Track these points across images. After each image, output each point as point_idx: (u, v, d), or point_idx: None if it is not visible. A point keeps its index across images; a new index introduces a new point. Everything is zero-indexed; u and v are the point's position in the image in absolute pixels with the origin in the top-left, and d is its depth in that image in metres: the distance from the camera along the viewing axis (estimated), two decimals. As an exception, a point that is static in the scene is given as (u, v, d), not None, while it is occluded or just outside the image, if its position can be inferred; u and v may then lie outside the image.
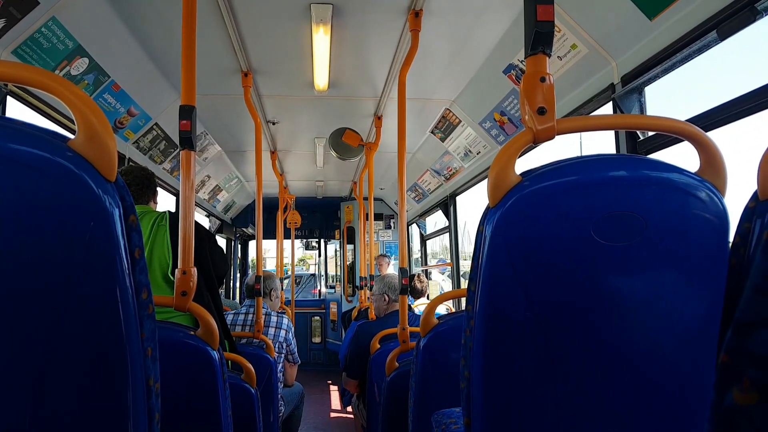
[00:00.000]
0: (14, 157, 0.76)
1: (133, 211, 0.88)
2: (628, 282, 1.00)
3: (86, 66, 2.64)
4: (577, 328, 1.02)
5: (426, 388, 1.90)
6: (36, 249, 0.78)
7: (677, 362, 1.03)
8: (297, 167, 6.26)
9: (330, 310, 8.35)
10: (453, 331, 1.88)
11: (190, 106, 1.73)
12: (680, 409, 1.05)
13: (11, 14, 2.08)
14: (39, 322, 0.79)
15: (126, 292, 0.85)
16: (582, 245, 0.98)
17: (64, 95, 0.83)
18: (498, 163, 1.02)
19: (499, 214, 1.00)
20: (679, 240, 0.99)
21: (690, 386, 1.05)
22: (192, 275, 1.68)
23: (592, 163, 1.01)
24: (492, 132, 3.76)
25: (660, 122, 1.09)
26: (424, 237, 7.01)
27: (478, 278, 1.04)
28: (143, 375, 0.92)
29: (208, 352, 1.58)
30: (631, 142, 2.31)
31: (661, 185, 0.98)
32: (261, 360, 2.82)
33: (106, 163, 0.83)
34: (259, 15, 2.69)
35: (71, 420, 0.84)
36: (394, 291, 3.54)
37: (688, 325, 1.02)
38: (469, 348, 1.09)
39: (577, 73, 2.60)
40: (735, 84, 33.04)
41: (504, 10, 2.64)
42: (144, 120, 3.52)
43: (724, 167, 1.03)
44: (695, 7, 1.86)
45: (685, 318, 1.01)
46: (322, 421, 5.39)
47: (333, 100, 4.01)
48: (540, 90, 1.05)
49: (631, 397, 1.04)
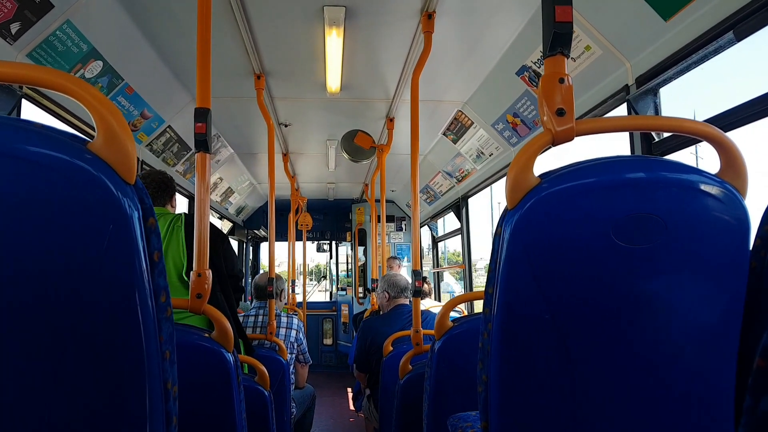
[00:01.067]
0: (34, 159, 0.76)
1: (152, 214, 0.88)
2: (648, 284, 0.99)
3: (100, 69, 2.66)
4: (597, 331, 1.01)
5: (441, 391, 1.89)
6: (55, 251, 0.78)
7: (696, 364, 1.02)
8: (309, 169, 6.28)
9: (341, 312, 8.35)
10: (468, 334, 1.87)
11: (206, 109, 1.74)
12: (698, 411, 1.04)
13: (26, 17, 2.10)
14: (58, 324, 0.79)
15: (145, 295, 0.85)
16: (602, 247, 0.97)
17: (84, 97, 0.83)
18: (516, 165, 1.01)
19: (518, 216, 0.99)
20: (698, 242, 0.98)
21: (708, 388, 1.03)
22: (207, 278, 1.68)
23: (611, 164, 1.00)
24: (504, 134, 3.75)
25: (679, 123, 1.08)
26: (436, 239, 6.99)
27: (496, 280, 1.03)
28: (161, 378, 0.91)
29: (223, 355, 1.58)
30: (645, 143, 2.29)
31: (681, 187, 0.97)
32: (273, 362, 2.83)
33: (125, 166, 0.83)
34: (272, 17, 2.70)
35: (89, 422, 0.84)
36: (394, 288, 3.59)
37: (707, 328, 1.01)
38: (487, 351, 1.08)
39: (591, 75, 2.59)
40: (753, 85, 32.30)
41: (517, 12, 2.64)
42: (157, 122, 3.54)
43: (744, 168, 1.02)
44: (711, 7, 1.84)
45: (705, 320, 1.00)
46: (334, 423, 5.39)
47: (345, 102, 4.02)
48: (559, 91, 1.04)
49: (649, 399, 1.03)
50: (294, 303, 6.17)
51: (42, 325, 0.79)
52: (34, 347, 0.79)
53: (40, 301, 0.78)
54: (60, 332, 0.79)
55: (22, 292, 0.77)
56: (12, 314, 0.77)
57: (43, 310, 0.78)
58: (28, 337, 0.79)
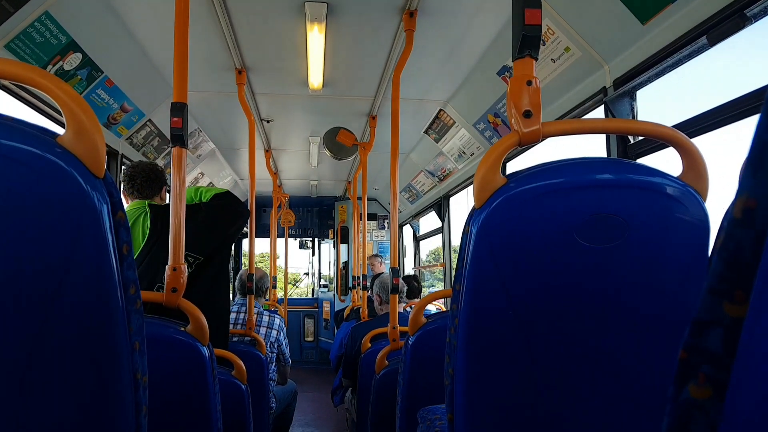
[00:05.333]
0: (2, 152, 0.76)
1: (121, 207, 0.89)
2: (610, 283, 1.02)
3: (79, 61, 2.64)
4: (559, 327, 1.04)
5: (413, 385, 1.91)
6: (24, 244, 0.78)
7: (656, 361, 1.05)
8: (291, 166, 6.26)
9: (323, 309, 8.35)
10: (441, 330, 1.90)
11: (182, 104, 1.73)
12: (657, 406, 1.07)
13: (4, 8, 2.08)
14: (26, 316, 0.80)
15: (114, 288, 0.86)
16: (564, 247, 1.00)
17: (53, 92, 0.84)
18: (484, 165, 1.03)
19: (484, 215, 1.02)
20: (660, 242, 1.01)
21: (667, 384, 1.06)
22: (182, 272, 1.68)
23: (576, 166, 1.03)
24: (486, 134, 3.77)
25: (645, 127, 1.11)
26: (418, 238, 7.02)
27: (462, 278, 1.06)
28: (130, 368, 0.92)
29: (198, 348, 1.59)
30: (621, 145, 2.32)
31: (643, 188, 1.00)
32: (252, 357, 2.83)
33: (94, 160, 0.83)
34: (253, 12, 2.69)
35: (58, 412, 0.85)
36: (385, 292, 3.55)
37: (668, 326, 1.04)
38: (453, 346, 1.10)
39: (570, 76, 2.62)
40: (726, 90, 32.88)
41: (498, 12, 2.66)
42: (137, 116, 3.51)
43: (706, 172, 1.05)
44: (686, 12, 1.87)
45: (665, 318, 1.03)
46: (314, 418, 5.40)
47: (327, 99, 4.02)
48: (526, 93, 1.07)
49: (609, 394, 1.06)
50: (275, 300, 6.16)
51: (9, 316, 0.79)
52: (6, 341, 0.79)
53: (8, 292, 0.78)
54: (28, 323, 0.80)
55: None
56: None
57: (10, 301, 0.78)
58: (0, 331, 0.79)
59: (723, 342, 0.39)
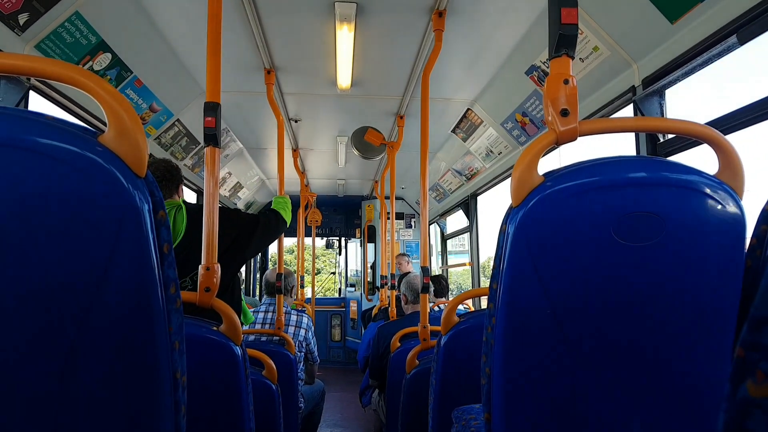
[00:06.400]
0: (44, 151, 0.77)
1: (162, 207, 0.89)
2: (647, 281, 1.01)
3: (109, 61, 2.67)
4: (596, 325, 1.03)
5: (446, 384, 1.91)
6: (65, 243, 0.79)
7: (694, 360, 1.04)
8: (318, 165, 6.29)
9: (350, 309, 8.38)
10: (473, 329, 1.89)
11: (215, 103, 1.74)
12: (694, 403, 1.06)
13: (34, 8, 2.11)
14: (68, 315, 0.80)
15: (154, 287, 0.86)
16: (602, 245, 0.99)
17: (95, 90, 0.84)
18: (521, 164, 1.03)
19: (522, 214, 1.01)
20: (696, 241, 1.00)
21: (705, 381, 1.05)
22: (215, 271, 1.69)
23: (612, 164, 1.02)
24: (513, 133, 3.75)
25: (680, 125, 1.09)
26: (445, 236, 7.00)
27: (500, 276, 1.06)
28: (170, 368, 0.93)
29: (231, 348, 1.60)
30: (651, 144, 2.30)
31: (679, 187, 0.99)
32: (281, 357, 2.84)
33: (136, 159, 0.84)
34: (283, 12, 2.71)
35: (99, 412, 0.86)
36: (411, 292, 3.53)
37: (704, 323, 1.03)
38: (491, 345, 1.10)
39: (598, 75, 2.60)
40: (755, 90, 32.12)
41: (526, 11, 2.64)
42: (166, 116, 3.55)
43: (741, 170, 1.04)
44: (716, 11, 1.86)
45: (702, 316, 1.02)
46: (342, 418, 5.42)
47: (356, 99, 4.03)
48: (563, 92, 1.06)
49: (648, 393, 1.05)
50: (303, 299, 6.19)
51: (51, 315, 0.80)
52: (43, 336, 0.80)
53: (50, 291, 0.79)
54: (69, 322, 0.80)
55: (34, 283, 0.78)
56: (24, 307, 0.78)
57: (52, 300, 0.79)
58: (37, 326, 0.79)
59: None
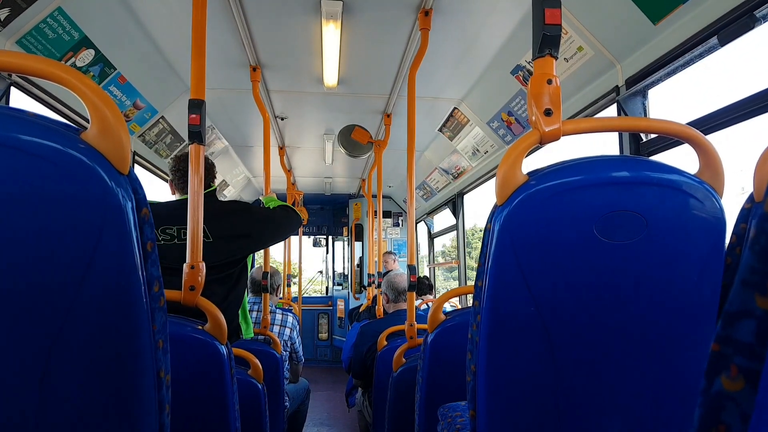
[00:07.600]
0: (26, 148, 0.75)
1: (146, 204, 0.88)
2: (629, 279, 1.03)
3: (92, 57, 2.64)
4: (579, 322, 1.04)
5: (433, 382, 1.91)
6: (47, 240, 0.78)
7: (675, 356, 1.06)
8: (305, 163, 6.26)
9: (337, 307, 8.37)
10: (460, 327, 1.90)
11: (200, 100, 1.73)
12: (677, 401, 1.08)
13: (16, 3, 2.07)
14: (50, 313, 0.79)
15: (138, 285, 0.86)
16: (584, 243, 1.00)
17: (77, 87, 0.83)
18: (505, 163, 1.04)
19: (506, 212, 1.02)
20: (678, 239, 1.01)
21: (687, 379, 1.07)
22: (200, 270, 1.68)
23: (595, 163, 1.03)
24: (499, 132, 3.77)
25: (662, 125, 1.11)
26: (432, 235, 7.01)
27: (485, 274, 1.06)
28: (154, 367, 0.93)
29: (216, 347, 1.59)
30: (634, 143, 2.33)
31: (661, 186, 1.01)
32: (267, 356, 2.83)
33: (119, 156, 0.83)
34: (269, 9, 2.70)
35: (82, 410, 0.85)
36: (392, 291, 3.44)
37: (686, 321, 1.05)
38: (476, 342, 1.11)
39: (582, 75, 2.62)
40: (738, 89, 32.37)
41: (512, 11, 2.65)
42: (150, 113, 3.52)
43: (721, 169, 1.06)
44: (697, 13, 1.89)
45: (684, 313, 1.04)
46: (329, 417, 5.41)
47: (342, 97, 4.02)
48: (547, 92, 1.08)
49: (629, 389, 1.07)
50: (289, 298, 6.18)
51: (33, 313, 0.79)
52: (25, 335, 0.79)
53: (32, 289, 0.78)
54: (51, 320, 0.79)
55: (14, 281, 0.77)
56: (3, 305, 0.77)
57: (34, 298, 0.78)
58: (19, 325, 0.79)
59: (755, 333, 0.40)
